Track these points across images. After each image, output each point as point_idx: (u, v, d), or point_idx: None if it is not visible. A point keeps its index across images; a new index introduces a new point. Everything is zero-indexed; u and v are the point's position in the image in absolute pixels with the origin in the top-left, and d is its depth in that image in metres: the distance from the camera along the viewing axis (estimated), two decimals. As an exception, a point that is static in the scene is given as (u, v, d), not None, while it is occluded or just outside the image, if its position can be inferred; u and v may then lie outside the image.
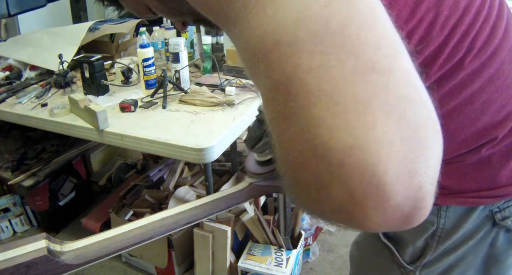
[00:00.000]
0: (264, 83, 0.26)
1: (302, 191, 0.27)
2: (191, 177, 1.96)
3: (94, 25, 1.97)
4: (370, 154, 0.22)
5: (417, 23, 0.47)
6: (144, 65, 1.55)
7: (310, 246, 1.87)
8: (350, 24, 0.23)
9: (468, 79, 0.52)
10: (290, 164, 0.26)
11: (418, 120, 0.24)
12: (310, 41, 0.23)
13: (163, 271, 1.75)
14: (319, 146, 0.23)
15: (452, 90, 0.53)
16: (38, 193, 1.97)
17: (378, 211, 0.24)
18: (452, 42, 0.49)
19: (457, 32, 0.48)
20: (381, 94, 0.23)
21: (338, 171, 0.23)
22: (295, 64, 0.23)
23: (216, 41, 1.84)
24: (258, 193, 0.58)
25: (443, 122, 0.27)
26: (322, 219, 0.29)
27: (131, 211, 1.76)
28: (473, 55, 0.51)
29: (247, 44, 0.25)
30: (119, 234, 0.44)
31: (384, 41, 0.24)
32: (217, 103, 1.48)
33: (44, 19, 3.47)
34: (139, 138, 1.29)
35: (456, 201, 0.61)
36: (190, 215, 0.49)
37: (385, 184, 0.23)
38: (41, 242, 0.38)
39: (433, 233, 0.64)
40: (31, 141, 2.19)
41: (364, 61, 0.23)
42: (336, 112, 0.23)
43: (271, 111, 0.26)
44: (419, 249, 0.67)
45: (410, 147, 0.23)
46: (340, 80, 0.23)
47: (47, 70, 1.89)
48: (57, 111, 1.46)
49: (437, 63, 0.50)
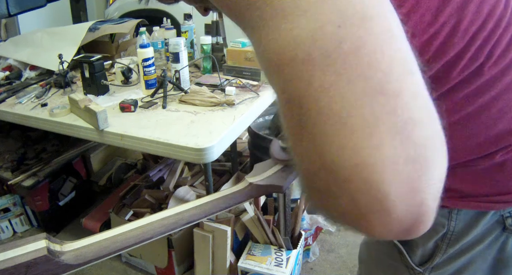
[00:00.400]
0: (279, 95, 0.27)
1: (314, 195, 0.29)
2: (191, 177, 1.97)
3: (94, 25, 1.97)
4: (375, 173, 0.24)
5: (439, 27, 0.47)
6: (144, 65, 1.55)
7: (310, 246, 1.87)
8: (363, 47, 0.24)
9: (487, 86, 0.53)
10: (304, 171, 0.28)
11: (423, 141, 0.25)
12: (323, 61, 0.24)
13: (163, 271, 1.75)
14: (328, 161, 0.25)
15: (470, 96, 0.53)
16: (38, 193, 1.97)
17: (381, 223, 0.26)
18: (473, 48, 0.49)
19: (478, 38, 0.49)
20: (389, 117, 0.24)
21: (345, 186, 0.25)
22: (307, 81, 0.24)
23: (216, 41, 1.84)
24: (258, 193, 0.58)
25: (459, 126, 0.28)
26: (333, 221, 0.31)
27: (131, 211, 1.76)
28: (492, 62, 0.51)
29: (264, 54, 0.26)
30: (119, 234, 0.44)
31: (396, 64, 0.25)
32: (217, 103, 1.48)
33: (44, 19, 3.47)
34: (139, 138, 1.29)
35: (467, 205, 0.61)
36: (190, 215, 0.49)
37: (388, 200, 0.24)
38: (41, 242, 0.38)
39: (444, 236, 0.64)
40: (31, 141, 2.19)
41: (374, 83, 0.24)
42: (344, 133, 0.24)
43: (287, 120, 0.27)
44: (428, 251, 0.67)
45: (414, 166, 0.24)
46: (350, 101, 0.24)
47: (47, 70, 1.89)
48: (57, 111, 1.46)
49: (457, 68, 0.51)
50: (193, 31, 1.95)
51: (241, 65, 1.73)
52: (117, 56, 2.04)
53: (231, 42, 1.75)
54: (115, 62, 1.83)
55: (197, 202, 0.52)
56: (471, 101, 0.54)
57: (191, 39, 1.94)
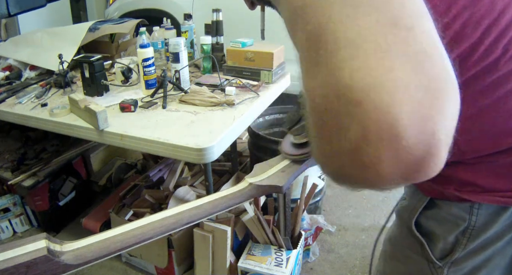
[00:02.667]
0: (301, 36, 0.29)
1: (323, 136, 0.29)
2: (191, 177, 1.97)
3: (94, 25, 1.97)
4: (385, 94, 0.25)
5: (452, 18, 0.49)
6: (144, 65, 1.55)
7: (310, 246, 1.87)
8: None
9: (503, 80, 0.54)
10: (316, 109, 0.29)
11: (434, 73, 0.26)
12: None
13: (163, 271, 1.75)
14: (341, 86, 0.26)
15: (486, 89, 0.54)
16: (38, 193, 1.97)
17: (391, 151, 0.26)
18: (486, 41, 0.51)
19: (492, 32, 0.50)
20: (400, 45, 0.26)
21: (355, 110, 0.26)
22: (327, 15, 0.27)
23: (216, 41, 1.84)
24: (258, 193, 0.58)
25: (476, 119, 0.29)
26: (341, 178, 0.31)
27: (131, 211, 1.76)
28: (509, 56, 0.52)
29: (289, 4, 0.30)
30: (119, 234, 0.44)
31: (409, 2, 0.27)
32: (217, 103, 1.48)
33: (44, 19, 3.47)
34: (139, 138, 1.29)
35: (488, 199, 0.61)
36: (190, 215, 0.49)
37: (398, 124, 0.25)
38: (41, 242, 0.38)
39: (464, 230, 0.65)
40: (31, 141, 2.19)
41: (388, 16, 0.26)
42: (358, 55, 0.26)
43: (304, 62, 0.30)
44: (449, 245, 0.68)
45: (426, 94, 0.25)
46: (364, 29, 0.26)
47: (47, 70, 1.89)
48: (57, 111, 1.46)
49: (471, 60, 0.52)
50: (193, 31, 1.95)
51: (241, 65, 1.73)
52: (117, 56, 2.04)
53: (230, 42, 1.75)
54: (115, 62, 1.83)
55: (197, 202, 0.52)
56: (487, 94, 0.55)
57: (191, 39, 1.94)
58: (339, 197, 2.30)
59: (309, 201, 1.76)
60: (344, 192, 2.29)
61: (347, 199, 2.28)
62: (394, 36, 0.26)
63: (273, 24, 0.64)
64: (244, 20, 2.38)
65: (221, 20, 1.81)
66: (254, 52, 1.69)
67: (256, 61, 1.70)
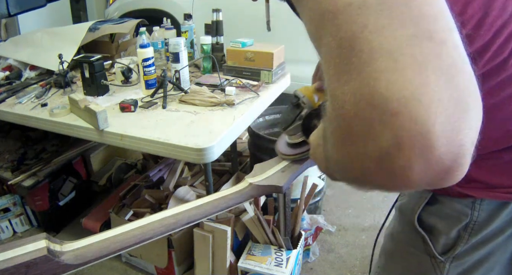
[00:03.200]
0: (329, 41, 0.29)
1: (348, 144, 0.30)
2: (191, 177, 1.97)
3: (94, 25, 1.97)
4: (422, 107, 0.26)
5: (467, 18, 0.50)
6: (144, 65, 1.55)
7: (310, 246, 1.87)
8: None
9: (510, 80, 0.55)
10: (344, 115, 0.29)
11: (464, 86, 0.27)
12: (378, 6, 0.27)
13: (163, 271, 1.75)
14: (376, 96, 0.27)
15: (493, 89, 0.55)
16: (38, 193, 1.97)
17: (422, 159, 0.27)
18: (498, 41, 0.52)
19: (503, 33, 0.51)
20: (435, 60, 0.27)
21: (390, 120, 0.26)
22: (362, 24, 0.27)
23: (216, 41, 1.84)
24: (258, 193, 0.58)
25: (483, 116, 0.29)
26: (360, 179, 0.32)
27: (131, 211, 1.76)
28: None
29: (317, 5, 0.30)
30: (119, 234, 0.44)
31: (441, 17, 0.28)
32: (217, 103, 1.48)
33: (44, 19, 3.47)
34: (139, 138, 1.29)
35: (491, 195, 0.63)
36: (190, 215, 0.49)
37: (432, 135, 0.26)
38: (41, 242, 0.38)
39: (466, 225, 0.66)
40: (31, 141, 2.19)
41: (423, 30, 0.27)
42: (395, 68, 0.26)
43: (333, 67, 0.30)
44: (451, 240, 0.69)
45: (456, 107, 0.27)
46: (401, 42, 0.27)
47: (47, 70, 1.89)
48: (57, 111, 1.46)
49: (482, 59, 0.53)
50: (193, 31, 1.95)
51: (241, 65, 1.73)
52: (117, 56, 2.04)
53: (230, 42, 1.75)
54: (115, 62, 1.83)
55: (197, 202, 0.52)
56: (494, 94, 0.56)
57: (191, 39, 1.94)
58: (339, 197, 2.30)
59: (309, 201, 1.76)
60: (344, 192, 2.29)
61: (347, 199, 2.28)
62: (429, 50, 0.27)
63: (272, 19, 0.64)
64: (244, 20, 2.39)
65: (221, 20, 1.81)
66: (254, 52, 1.69)
67: (256, 61, 1.70)
